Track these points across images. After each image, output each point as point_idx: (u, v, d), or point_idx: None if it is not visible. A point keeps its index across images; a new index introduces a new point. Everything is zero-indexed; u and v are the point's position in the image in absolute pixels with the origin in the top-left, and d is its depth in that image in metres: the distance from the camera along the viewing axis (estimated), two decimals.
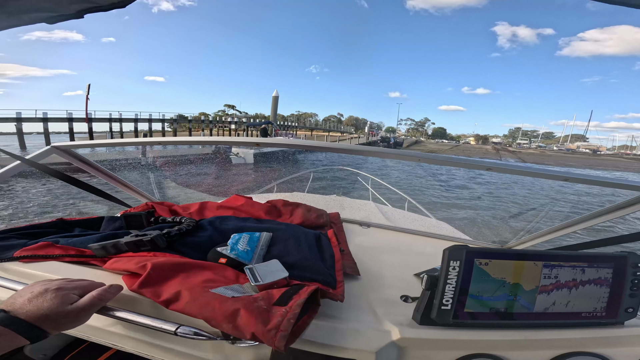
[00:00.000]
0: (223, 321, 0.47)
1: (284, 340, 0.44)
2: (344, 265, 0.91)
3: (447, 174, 14.56)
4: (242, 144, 1.09)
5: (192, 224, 0.91)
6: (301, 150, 17.95)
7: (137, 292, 0.57)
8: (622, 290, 0.63)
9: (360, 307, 0.70)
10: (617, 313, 0.63)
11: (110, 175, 1.41)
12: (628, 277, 0.63)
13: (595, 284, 0.62)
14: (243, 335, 0.46)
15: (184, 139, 1.17)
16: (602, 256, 0.63)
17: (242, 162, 8.94)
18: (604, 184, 0.79)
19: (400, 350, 0.57)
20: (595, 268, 0.62)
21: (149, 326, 0.52)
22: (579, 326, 0.61)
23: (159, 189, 2.48)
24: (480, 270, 0.58)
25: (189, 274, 0.61)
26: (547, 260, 0.60)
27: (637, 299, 0.63)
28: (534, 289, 0.60)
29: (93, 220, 1.05)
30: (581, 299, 0.61)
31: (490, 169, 0.83)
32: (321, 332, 0.58)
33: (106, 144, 1.32)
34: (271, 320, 0.47)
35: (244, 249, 0.77)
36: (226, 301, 0.50)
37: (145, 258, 0.66)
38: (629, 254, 0.63)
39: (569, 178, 0.79)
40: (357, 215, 1.75)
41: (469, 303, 0.59)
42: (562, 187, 10.83)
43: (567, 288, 0.61)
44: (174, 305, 0.52)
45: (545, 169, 0.81)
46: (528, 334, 0.58)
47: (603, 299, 0.62)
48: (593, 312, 0.62)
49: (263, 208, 1.23)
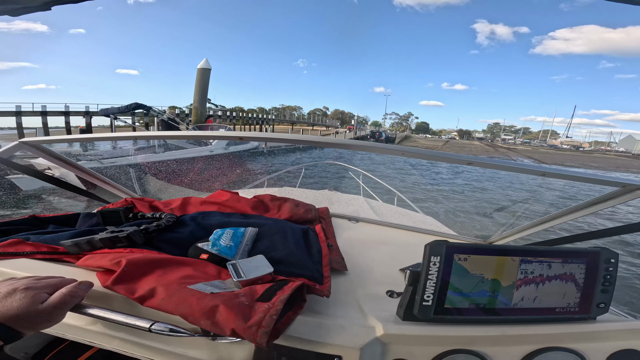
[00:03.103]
0: (201, 317, 0.45)
1: (266, 336, 0.42)
2: (332, 260, 0.90)
3: (432, 169, 14.83)
4: (224, 138, 1.05)
5: (172, 219, 0.88)
6: (286, 148, 17.28)
7: (110, 289, 0.55)
8: (594, 285, 0.63)
9: (346, 303, 0.69)
10: (589, 308, 0.63)
11: (86, 170, 1.34)
12: (600, 273, 0.63)
13: (569, 279, 0.63)
14: (223, 331, 0.44)
15: (161, 134, 1.12)
16: (576, 252, 0.63)
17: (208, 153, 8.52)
18: (579, 179, 0.81)
19: (384, 346, 0.57)
20: (569, 263, 0.62)
21: (123, 323, 0.49)
22: (554, 321, 0.62)
23: (140, 185, 2.40)
24: (459, 266, 0.58)
25: (166, 270, 0.58)
26: (524, 256, 0.60)
27: (609, 294, 0.64)
28: (511, 284, 0.60)
29: (68, 216, 1.00)
30: (555, 295, 0.62)
31: (471, 164, 0.83)
32: (306, 328, 0.57)
33: (79, 139, 1.26)
34: (253, 316, 0.45)
35: (226, 244, 0.74)
36: (205, 297, 0.48)
37: (120, 254, 0.63)
38: (602, 249, 0.64)
39: (546, 173, 0.80)
40: (347, 209, 1.74)
41: (449, 299, 0.58)
42: (548, 181, 11.18)
43: (542, 283, 0.61)
44: (149, 301, 0.50)
45: (523, 164, 0.82)
46: (505, 330, 0.59)
47: (576, 295, 0.63)
48: (567, 307, 0.63)
49: (249, 203, 1.20)
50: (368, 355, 0.55)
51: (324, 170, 9.55)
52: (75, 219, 0.99)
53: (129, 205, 1.05)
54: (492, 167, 0.84)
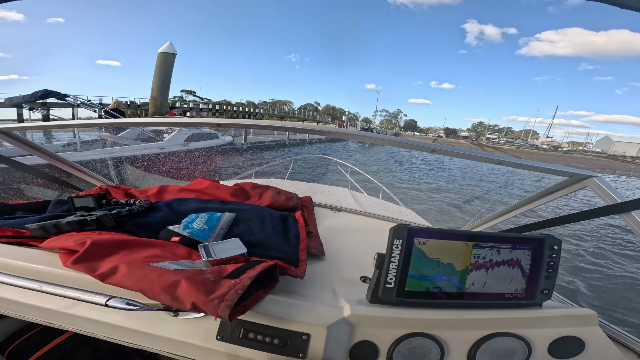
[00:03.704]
0: (161, 292, 0.44)
1: (228, 309, 0.42)
2: (310, 245, 0.91)
3: (408, 161, 15.10)
4: (204, 124, 1.04)
5: (146, 204, 0.86)
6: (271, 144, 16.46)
7: (71, 268, 0.53)
8: (539, 272, 0.64)
9: (321, 286, 0.71)
10: (534, 294, 0.64)
11: (60, 159, 1.30)
12: (545, 259, 0.64)
13: (516, 265, 0.63)
14: (183, 305, 0.44)
15: (141, 120, 1.11)
16: (524, 238, 0.64)
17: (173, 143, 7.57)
18: (533, 169, 0.85)
19: (351, 327, 0.58)
20: (517, 249, 0.63)
21: (78, 299, 0.48)
22: (503, 307, 0.63)
23: (118, 174, 2.34)
24: (418, 250, 0.59)
25: (132, 250, 0.57)
26: (477, 241, 0.61)
27: (552, 280, 0.65)
28: (464, 269, 0.61)
29: (38, 203, 0.97)
30: (503, 280, 0.63)
31: (435, 152, 0.86)
32: (277, 307, 0.58)
33: (52, 126, 1.21)
34: (216, 291, 0.45)
35: (200, 227, 0.73)
36: (167, 273, 0.47)
37: (86, 236, 0.61)
38: (547, 236, 0.65)
39: (502, 162, 0.84)
40: (330, 199, 1.76)
41: (410, 282, 0.60)
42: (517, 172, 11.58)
43: (492, 268, 0.62)
44: (110, 279, 0.49)
45: (481, 153, 0.86)
46: (458, 314, 0.60)
47: (523, 281, 0.64)
48: (514, 293, 0.64)
49: (229, 190, 1.19)
50: (335, 334, 0.57)
51: (314, 164, 9.55)
52: (46, 206, 0.96)
53: (102, 192, 1.02)
54: (453, 155, 0.87)
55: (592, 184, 0.82)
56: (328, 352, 0.55)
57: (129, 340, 0.54)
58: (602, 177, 0.82)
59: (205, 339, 0.54)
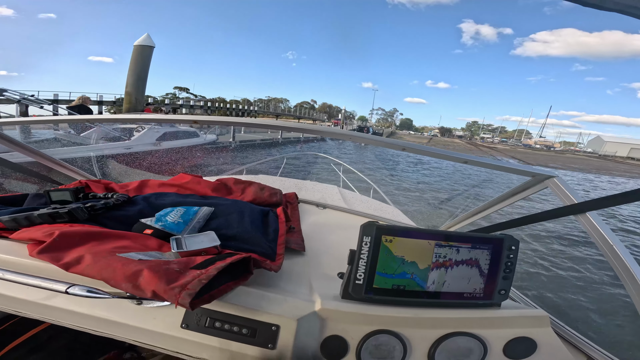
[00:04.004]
0: (122, 280, 0.45)
1: (189, 297, 0.43)
2: (290, 241, 0.92)
3: (399, 160, 15.12)
4: (181, 121, 1.04)
5: (123, 198, 0.86)
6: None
7: (36, 258, 0.53)
8: (497, 272, 0.65)
9: (298, 281, 0.72)
10: (492, 295, 0.65)
11: (39, 153, 1.28)
12: (503, 260, 0.65)
13: (474, 264, 0.63)
14: (144, 293, 0.45)
15: (128, 117, 1.10)
16: (484, 238, 0.64)
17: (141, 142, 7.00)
18: (497, 168, 0.87)
19: (322, 321, 0.59)
20: (476, 249, 0.63)
21: (39, 286, 0.48)
22: (461, 306, 0.64)
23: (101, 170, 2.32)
24: (385, 248, 0.60)
25: (101, 241, 0.58)
26: (439, 240, 0.62)
27: (509, 281, 0.65)
28: (426, 267, 0.62)
29: (15, 197, 0.96)
30: (463, 280, 0.63)
31: (405, 149, 0.88)
32: (248, 297, 0.59)
33: (31, 121, 1.20)
34: (179, 280, 0.46)
35: (174, 220, 0.74)
36: (130, 262, 0.48)
37: (56, 227, 0.61)
38: (506, 236, 0.65)
39: (468, 161, 0.86)
40: (316, 196, 1.76)
41: (377, 279, 0.61)
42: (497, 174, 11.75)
43: (451, 267, 0.63)
44: (74, 268, 0.49)
45: (448, 152, 0.87)
46: (420, 312, 0.61)
47: (481, 281, 0.64)
48: (473, 292, 0.64)
49: (210, 186, 1.19)
50: (305, 327, 0.57)
51: (307, 162, 9.55)
52: (24, 200, 0.95)
53: (81, 186, 1.01)
54: (421, 153, 0.88)
55: (552, 184, 0.84)
56: (298, 345, 0.56)
57: (95, 329, 0.55)
58: (562, 178, 0.83)
59: (169, 327, 0.54)
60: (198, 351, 0.55)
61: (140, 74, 14.47)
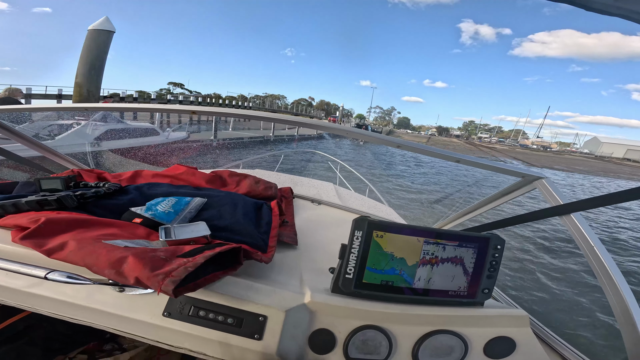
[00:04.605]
0: (106, 267, 0.44)
1: (173, 285, 0.42)
2: (283, 234, 0.91)
3: (399, 159, 15.07)
4: (177, 111, 1.02)
5: (115, 187, 0.85)
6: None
7: (19, 244, 0.52)
8: (482, 271, 0.65)
9: (289, 274, 0.71)
10: (476, 293, 0.65)
11: (33, 141, 1.27)
12: (488, 259, 0.65)
13: (459, 263, 0.63)
14: (126, 280, 0.44)
15: (114, 106, 1.08)
16: (471, 237, 0.64)
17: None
18: (488, 168, 0.87)
19: (311, 314, 0.59)
20: (462, 248, 0.63)
21: (17, 272, 0.48)
22: (446, 304, 0.64)
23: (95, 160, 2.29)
24: (375, 243, 0.60)
25: (88, 229, 0.57)
26: (427, 237, 0.62)
27: (493, 280, 0.65)
28: (414, 264, 0.62)
29: (5, 184, 0.94)
30: (447, 277, 0.63)
31: (400, 147, 0.88)
32: (236, 287, 0.58)
33: (26, 108, 1.18)
34: (164, 267, 0.45)
35: (164, 210, 0.73)
36: (115, 249, 0.47)
37: (42, 214, 0.60)
38: (492, 235, 0.65)
39: (460, 160, 0.86)
40: (311, 192, 1.76)
41: (367, 274, 0.61)
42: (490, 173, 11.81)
43: (437, 265, 0.63)
44: (57, 254, 0.48)
45: (441, 151, 0.88)
46: (406, 309, 0.61)
47: (465, 279, 0.64)
48: (457, 291, 0.64)
49: (205, 177, 1.18)
50: (293, 319, 0.57)
51: (304, 158, 9.53)
52: (13, 187, 0.94)
53: (73, 175, 1.00)
54: (415, 151, 0.88)
55: (540, 185, 0.84)
56: (286, 336, 0.56)
57: (73, 317, 0.54)
58: (550, 179, 0.83)
59: (150, 315, 0.53)
60: (180, 340, 0.54)
61: (92, 62, 11.86)
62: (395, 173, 12.56)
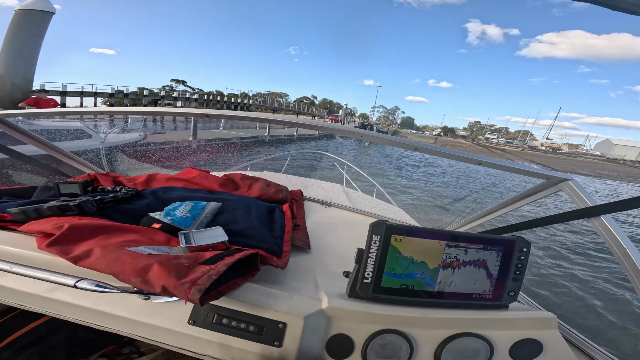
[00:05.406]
0: (132, 275, 0.44)
1: (199, 293, 0.43)
2: (295, 238, 0.91)
3: (405, 160, 14.90)
4: (191, 115, 1.03)
5: (132, 192, 0.86)
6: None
7: (45, 251, 0.53)
8: (507, 273, 0.64)
9: (304, 278, 0.71)
10: (501, 296, 0.64)
11: (50, 145, 1.29)
12: (513, 261, 0.64)
13: (482, 266, 0.63)
14: (153, 288, 0.44)
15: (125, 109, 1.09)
16: (496, 239, 0.63)
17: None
18: (511, 170, 0.85)
19: (328, 319, 0.59)
20: (488, 250, 0.63)
21: (46, 280, 0.48)
22: (470, 307, 0.63)
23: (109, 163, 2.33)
24: (394, 248, 0.60)
25: (110, 235, 0.57)
26: (449, 240, 0.61)
27: (519, 282, 0.65)
28: (436, 267, 0.61)
29: (24, 189, 0.96)
30: (470, 280, 0.63)
31: (417, 150, 0.86)
32: (255, 294, 0.58)
33: (44, 112, 1.21)
34: (189, 275, 0.45)
35: (182, 215, 0.73)
36: (140, 257, 0.47)
37: (65, 220, 0.61)
38: (517, 238, 0.64)
39: (482, 162, 0.85)
40: (321, 194, 1.76)
41: (385, 278, 0.60)
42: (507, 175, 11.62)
43: (459, 268, 0.62)
44: (83, 261, 0.49)
45: (461, 153, 0.86)
46: (428, 312, 0.60)
47: (489, 282, 0.63)
48: (482, 294, 0.63)
49: (218, 181, 1.19)
50: (312, 325, 0.57)
51: (312, 159, 9.55)
52: (32, 192, 0.95)
53: (90, 179, 1.02)
54: (433, 154, 0.86)
55: (567, 187, 0.82)
56: (305, 342, 0.56)
57: (99, 323, 0.54)
58: (577, 181, 0.82)
59: (176, 323, 0.54)
60: (203, 348, 0.54)
61: (19, 50, 8.99)
62: (402, 174, 12.49)
